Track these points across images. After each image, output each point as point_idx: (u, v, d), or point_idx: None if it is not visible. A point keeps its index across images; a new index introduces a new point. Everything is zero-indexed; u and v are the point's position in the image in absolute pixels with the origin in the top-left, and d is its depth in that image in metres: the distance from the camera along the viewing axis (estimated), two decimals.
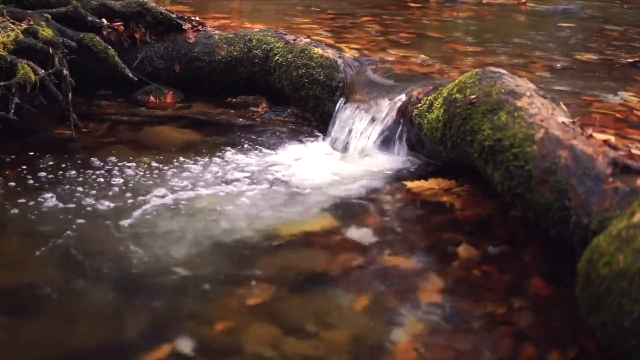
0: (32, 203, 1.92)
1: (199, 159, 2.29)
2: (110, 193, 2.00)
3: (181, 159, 2.28)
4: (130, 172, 2.15)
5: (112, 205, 1.92)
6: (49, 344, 1.37)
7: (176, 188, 2.05)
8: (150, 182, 2.09)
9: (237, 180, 2.13)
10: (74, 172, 2.14)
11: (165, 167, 2.20)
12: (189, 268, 1.64)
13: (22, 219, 1.84)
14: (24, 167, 2.17)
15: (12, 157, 2.25)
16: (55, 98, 2.48)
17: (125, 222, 1.83)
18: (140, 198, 1.97)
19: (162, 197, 1.99)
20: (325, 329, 1.42)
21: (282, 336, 1.39)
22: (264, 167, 2.24)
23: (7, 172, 2.12)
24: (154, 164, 2.23)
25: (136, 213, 1.88)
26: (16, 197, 1.95)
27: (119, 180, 2.09)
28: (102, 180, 2.09)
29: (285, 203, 2.00)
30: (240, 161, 2.29)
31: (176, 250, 1.71)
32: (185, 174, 2.16)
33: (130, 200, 1.96)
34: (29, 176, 2.10)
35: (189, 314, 1.47)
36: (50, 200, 1.94)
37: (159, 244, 1.73)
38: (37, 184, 2.04)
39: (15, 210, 1.88)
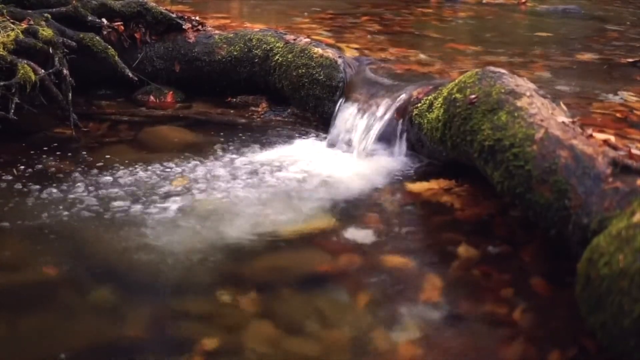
0: (32, 203, 1.92)
1: (199, 158, 2.29)
2: (111, 192, 2.00)
3: (181, 158, 2.28)
4: (130, 171, 2.15)
5: (112, 204, 1.92)
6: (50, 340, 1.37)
7: (176, 187, 2.05)
8: (150, 182, 2.09)
9: (237, 180, 2.13)
10: (74, 171, 2.14)
11: (165, 167, 2.20)
12: (189, 267, 1.64)
13: (22, 219, 1.84)
14: (24, 167, 2.17)
15: (12, 157, 2.25)
16: (55, 98, 2.48)
17: (125, 222, 1.83)
18: (140, 198, 1.97)
19: (162, 196, 1.99)
20: (325, 329, 1.42)
21: (282, 336, 1.39)
22: (264, 167, 2.24)
23: (7, 172, 2.12)
24: (153, 163, 2.23)
25: (136, 213, 1.88)
26: (16, 197, 1.96)
27: (119, 180, 2.09)
28: (102, 179, 2.09)
29: (285, 203, 2.00)
30: (240, 161, 2.28)
31: (176, 250, 1.71)
32: (185, 174, 2.16)
33: (130, 200, 1.96)
34: (29, 176, 2.10)
35: (187, 313, 1.47)
36: (50, 199, 1.94)
37: (159, 243, 1.73)
38: (37, 184, 2.04)
39: (16, 210, 1.89)
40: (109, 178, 2.10)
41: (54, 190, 2.00)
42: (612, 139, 1.61)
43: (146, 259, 1.66)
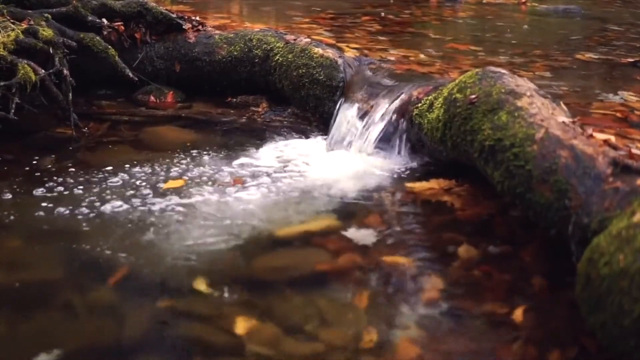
0: (32, 202, 1.92)
1: (199, 158, 2.29)
2: (111, 193, 2.00)
3: (181, 159, 2.28)
4: (130, 171, 2.15)
5: (112, 204, 1.92)
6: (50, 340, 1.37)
7: (176, 188, 2.05)
8: (150, 182, 2.09)
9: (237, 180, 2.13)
10: (74, 171, 2.14)
11: (165, 167, 2.20)
12: (188, 267, 1.64)
13: (22, 218, 1.84)
14: (24, 167, 2.17)
15: (12, 157, 2.25)
16: (56, 98, 2.48)
17: (125, 222, 1.83)
18: (141, 198, 1.97)
19: (162, 196, 1.99)
20: (325, 329, 1.42)
21: (282, 336, 1.39)
22: (264, 167, 2.24)
23: (7, 172, 2.13)
24: (154, 163, 2.23)
25: (136, 212, 1.88)
26: (17, 197, 1.96)
27: (119, 180, 2.09)
28: (102, 180, 2.09)
29: (285, 202, 2.00)
30: (240, 161, 2.28)
31: (176, 250, 1.71)
32: (185, 174, 2.16)
33: (130, 200, 1.96)
34: (29, 176, 2.10)
35: (187, 312, 1.47)
36: (50, 199, 1.94)
37: (159, 243, 1.73)
38: (37, 184, 2.04)
39: (16, 210, 1.89)
40: (109, 178, 2.10)
41: (54, 190, 2.00)
42: (613, 138, 1.61)
43: (145, 259, 1.66)
